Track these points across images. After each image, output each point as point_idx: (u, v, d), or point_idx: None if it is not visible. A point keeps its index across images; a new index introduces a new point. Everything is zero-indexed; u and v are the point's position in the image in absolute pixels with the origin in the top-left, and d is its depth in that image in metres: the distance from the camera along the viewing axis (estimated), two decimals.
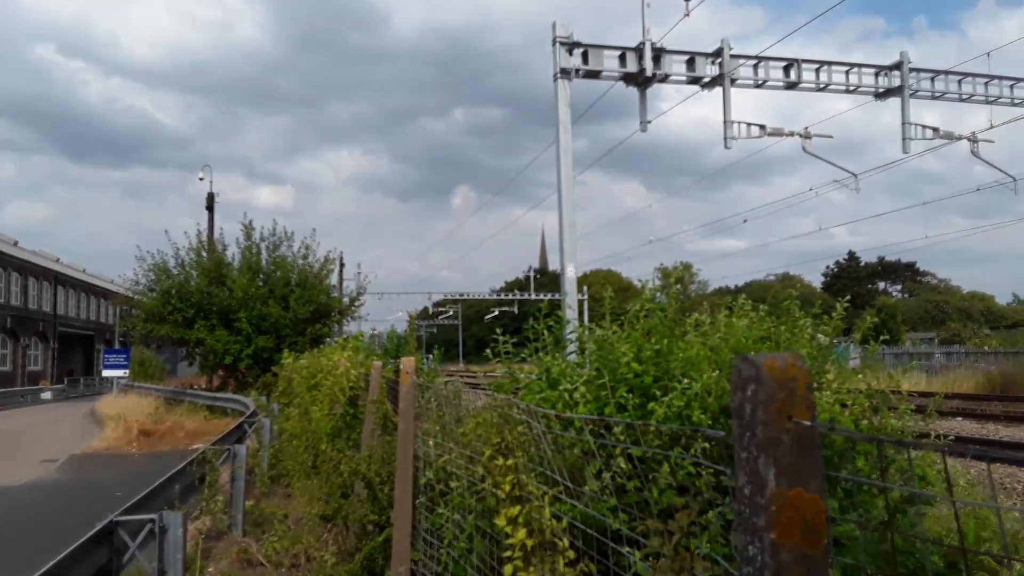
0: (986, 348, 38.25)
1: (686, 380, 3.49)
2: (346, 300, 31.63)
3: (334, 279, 33.60)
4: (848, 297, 4.68)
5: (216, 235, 30.50)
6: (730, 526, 2.78)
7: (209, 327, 26.56)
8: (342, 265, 49.67)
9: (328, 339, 27.13)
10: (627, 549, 2.54)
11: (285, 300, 26.94)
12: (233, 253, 28.73)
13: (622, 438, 3.09)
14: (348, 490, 6.21)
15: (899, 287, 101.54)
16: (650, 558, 2.21)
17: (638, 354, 3.64)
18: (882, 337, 4.49)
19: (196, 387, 32.60)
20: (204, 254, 28.38)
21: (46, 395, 43.73)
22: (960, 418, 19.14)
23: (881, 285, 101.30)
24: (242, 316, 26.20)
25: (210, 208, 33.05)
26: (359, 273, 55.20)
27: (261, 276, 28.02)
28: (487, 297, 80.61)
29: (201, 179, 34.37)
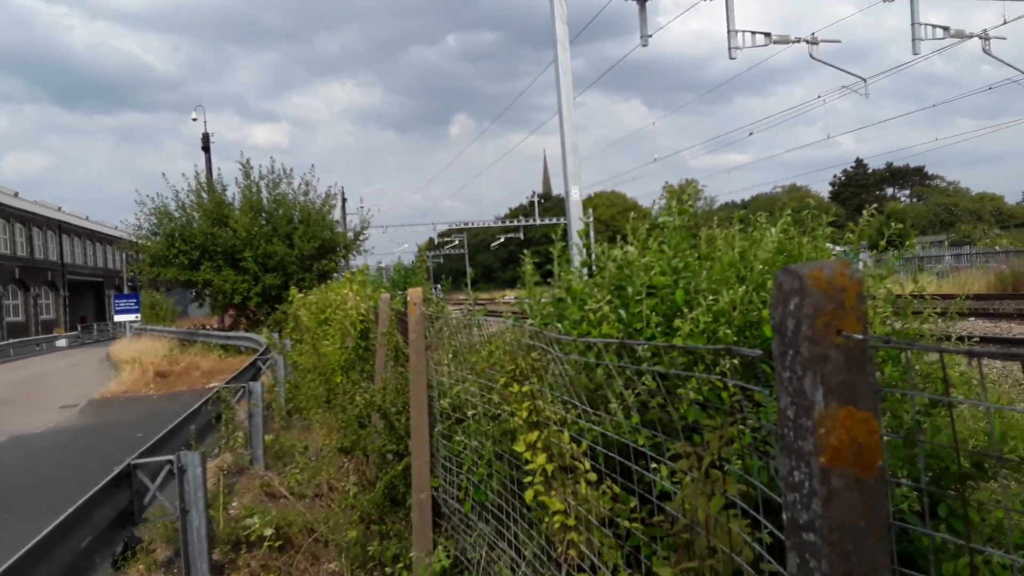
0: (996, 248, 37.93)
1: (712, 297, 3.37)
2: (350, 234, 31.43)
3: (337, 214, 33.27)
4: (874, 207, 4.51)
5: (214, 176, 30.18)
6: (761, 442, 2.71)
7: (215, 268, 26.54)
8: (344, 200, 49.26)
9: (335, 274, 27.13)
10: (652, 466, 2.48)
11: (289, 237, 26.80)
12: (233, 193, 28.47)
13: (647, 355, 3.00)
14: (365, 420, 6.22)
15: (908, 192, 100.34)
16: (678, 481, 2.15)
17: (665, 266, 3.52)
18: (886, 235, 4.35)
19: (208, 327, 32.87)
20: (204, 195, 28.08)
21: (61, 342, 44.26)
22: (973, 318, 19.11)
23: (889, 191, 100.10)
24: (247, 255, 26.13)
25: (206, 148, 32.55)
26: (362, 207, 54.87)
27: (263, 215, 27.80)
28: (492, 225, 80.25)
29: (195, 120, 33.74)
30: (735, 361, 2.93)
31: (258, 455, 8.90)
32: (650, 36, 16.24)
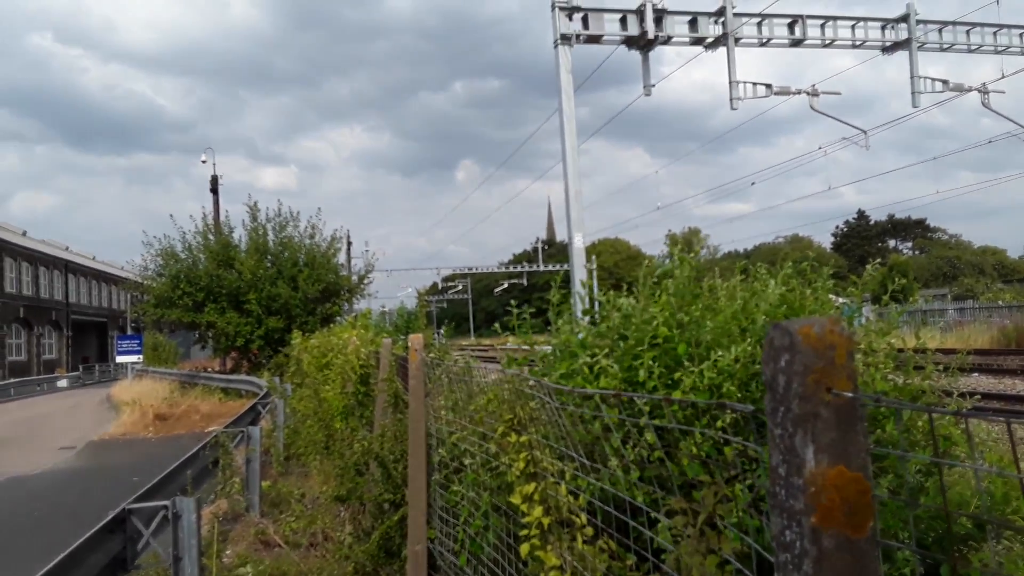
0: (1000, 302, 37.84)
1: (719, 352, 3.34)
2: (355, 278, 31.54)
3: (342, 257, 33.46)
4: (878, 261, 4.54)
5: (222, 217, 30.39)
6: (759, 500, 2.68)
7: (219, 310, 26.58)
8: (349, 243, 49.56)
9: (338, 318, 27.15)
10: (651, 518, 2.45)
11: (294, 280, 26.90)
12: (240, 235, 28.68)
13: (646, 409, 2.98)
14: (362, 468, 6.16)
15: (910, 244, 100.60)
16: (677, 537, 2.12)
17: (669, 319, 3.51)
18: (890, 289, 4.34)
19: (210, 370, 32.81)
20: (211, 237, 28.30)
21: (62, 383, 44.13)
22: (977, 374, 18.97)
23: (892, 243, 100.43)
24: (251, 298, 26.20)
25: (215, 191, 32.94)
26: (367, 251, 55.20)
27: (269, 257, 27.97)
28: (496, 270, 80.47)
29: (204, 162, 34.27)
30: (735, 415, 2.91)
31: (254, 502, 8.80)
32: (653, 85, 16.51)
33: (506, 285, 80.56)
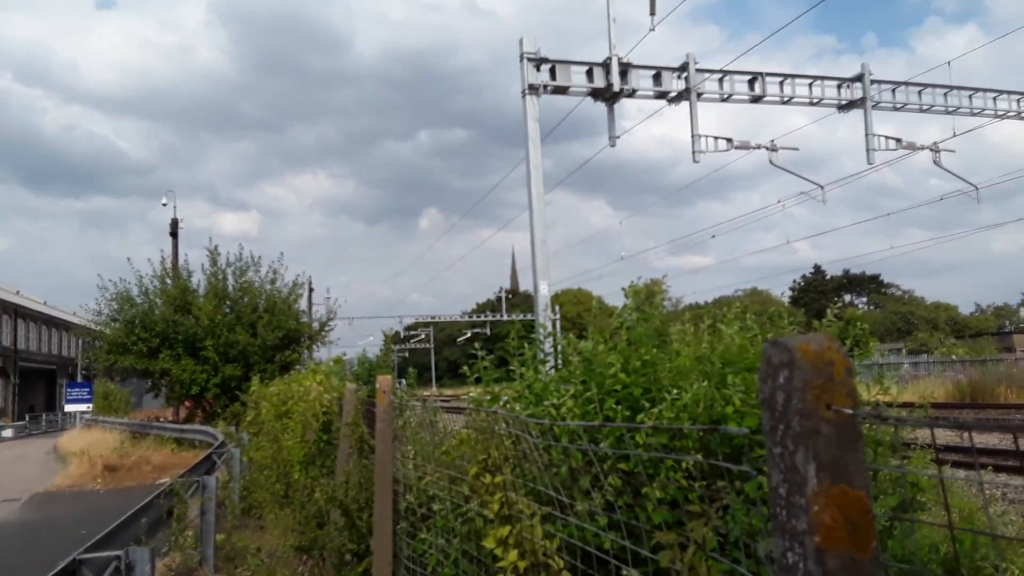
0: (953, 357, 38.85)
1: (675, 391, 3.38)
2: (316, 325, 31.11)
3: (303, 304, 33.06)
4: (837, 309, 4.63)
5: (181, 262, 29.90)
6: (725, 542, 2.64)
7: (175, 357, 25.91)
8: (311, 290, 49.08)
9: (298, 366, 26.65)
10: (636, 559, 2.39)
11: (253, 326, 26.40)
12: (198, 280, 28.16)
13: (610, 452, 2.95)
14: (324, 519, 5.97)
15: (864, 300, 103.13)
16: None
17: (626, 365, 3.52)
18: (850, 341, 4.44)
19: (162, 419, 31.78)
20: (168, 281, 27.76)
21: (7, 432, 42.31)
22: (927, 427, 19.28)
23: (847, 298, 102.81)
24: (208, 344, 25.61)
25: (174, 234, 32.43)
26: (328, 298, 54.46)
27: (228, 302, 27.45)
28: (459, 319, 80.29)
29: (164, 205, 33.83)
30: (699, 456, 2.89)
31: (208, 555, 8.43)
32: (618, 137, 16.89)
33: (469, 334, 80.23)
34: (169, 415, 32.86)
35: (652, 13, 15.69)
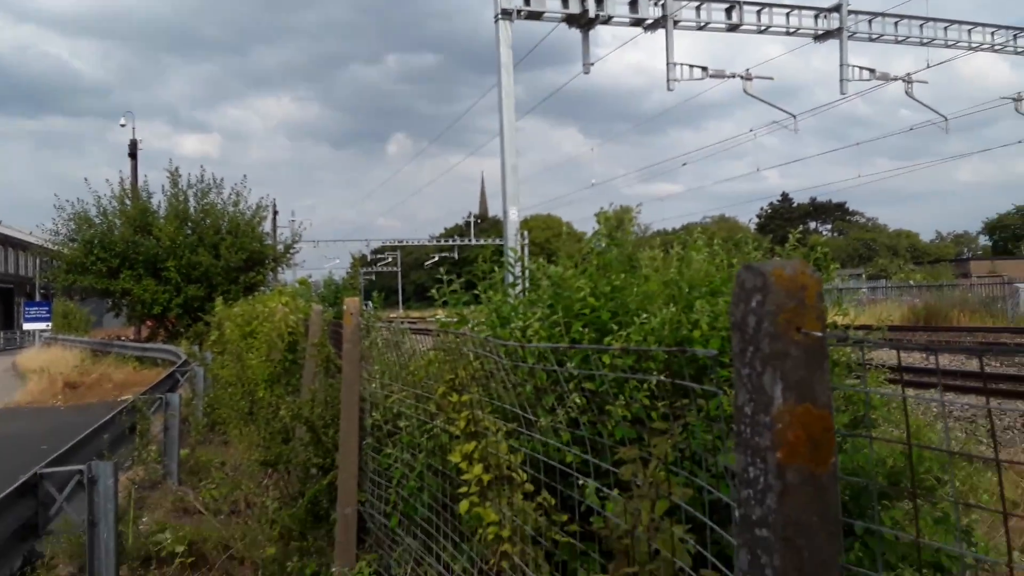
0: (911, 282, 39.91)
1: (644, 315, 3.42)
2: (280, 247, 30.72)
3: (267, 226, 32.56)
4: (799, 234, 4.69)
5: (140, 183, 29.01)
6: (684, 459, 2.73)
7: (135, 277, 25.47)
8: (275, 213, 48.26)
9: (262, 287, 26.41)
10: (584, 480, 2.46)
11: (216, 248, 25.96)
12: (159, 201, 27.46)
13: (575, 372, 3.00)
14: (289, 435, 6.02)
15: (829, 227, 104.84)
16: (617, 490, 2.12)
17: (594, 289, 3.54)
18: (812, 260, 4.53)
19: (124, 338, 31.47)
20: (128, 202, 27.01)
21: None
22: (887, 348, 20.01)
23: (813, 225, 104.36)
24: (170, 265, 25.19)
25: (133, 155, 31.39)
26: (293, 220, 53.64)
27: (189, 224, 26.88)
28: (427, 243, 79.87)
29: (123, 125, 32.62)
30: (663, 377, 2.95)
31: (172, 469, 8.51)
32: (592, 64, 16.58)
33: (437, 258, 79.99)
34: (131, 334, 32.53)
35: None
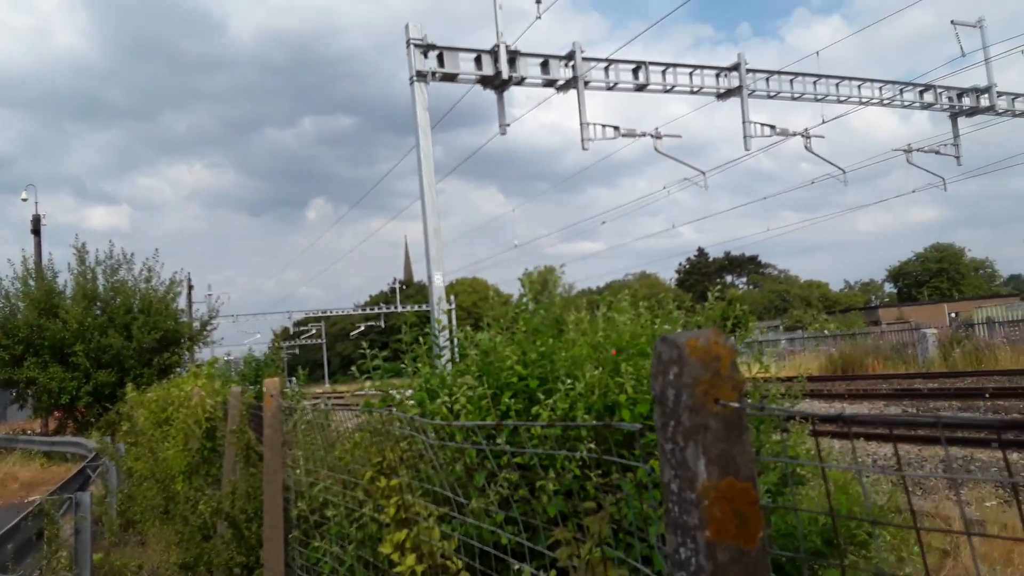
0: (826, 332, 41.60)
1: (569, 381, 3.40)
2: (196, 324, 29.64)
3: (182, 302, 31.40)
4: (718, 289, 4.81)
5: (45, 261, 27.72)
6: (618, 530, 2.68)
7: (41, 364, 24.04)
8: (190, 287, 46.66)
9: (178, 369, 25.33)
10: (532, 553, 2.37)
11: (127, 329, 24.83)
12: (65, 280, 26.20)
13: (506, 448, 2.93)
14: (210, 532, 5.68)
15: (744, 280, 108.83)
16: (554, 572, 2.05)
17: (523, 357, 3.51)
18: (731, 321, 4.65)
19: (30, 432, 29.49)
20: (32, 283, 25.69)
21: None
22: (809, 399, 20.57)
23: (728, 278, 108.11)
24: (78, 349, 23.90)
25: (36, 232, 30.07)
26: (210, 295, 51.97)
27: (98, 304, 25.68)
28: (352, 312, 78.65)
29: (24, 200, 31.27)
30: (591, 445, 2.92)
31: None
32: (508, 125, 16.95)
33: (363, 328, 78.81)
34: (37, 427, 30.54)
35: (538, 1, 15.81)
